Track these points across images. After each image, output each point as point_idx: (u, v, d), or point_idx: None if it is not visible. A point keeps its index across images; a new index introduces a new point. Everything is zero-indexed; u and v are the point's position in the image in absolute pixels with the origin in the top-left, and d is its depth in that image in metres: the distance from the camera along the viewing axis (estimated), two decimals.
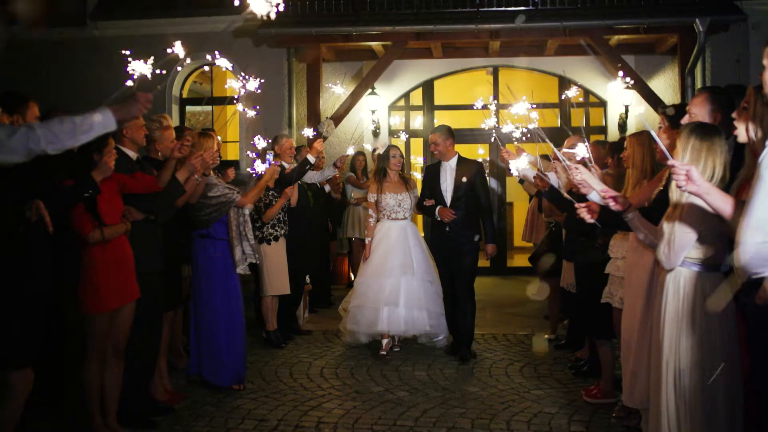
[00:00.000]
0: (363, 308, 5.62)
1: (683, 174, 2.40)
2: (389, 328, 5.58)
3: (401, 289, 5.57)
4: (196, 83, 10.90)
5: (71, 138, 2.57)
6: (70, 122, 2.56)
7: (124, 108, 2.73)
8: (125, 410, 3.94)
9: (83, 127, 2.57)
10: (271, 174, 5.20)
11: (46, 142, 2.50)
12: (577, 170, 3.49)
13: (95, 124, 2.61)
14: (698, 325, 2.78)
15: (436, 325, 5.62)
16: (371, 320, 5.57)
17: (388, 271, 5.59)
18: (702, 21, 8.28)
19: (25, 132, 2.48)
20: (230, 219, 4.77)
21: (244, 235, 4.80)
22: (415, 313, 5.56)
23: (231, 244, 4.76)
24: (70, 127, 2.54)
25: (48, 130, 2.50)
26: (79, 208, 3.54)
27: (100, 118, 2.63)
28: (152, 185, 3.95)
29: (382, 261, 5.65)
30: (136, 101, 2.75)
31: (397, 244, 5.68)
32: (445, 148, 5.69)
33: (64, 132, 2.53)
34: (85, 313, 3.65)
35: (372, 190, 5.89)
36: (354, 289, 5.82)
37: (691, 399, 2.78)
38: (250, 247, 4.81)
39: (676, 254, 2.81)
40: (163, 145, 4.34)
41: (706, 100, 3.23)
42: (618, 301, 4.06)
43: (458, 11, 8.82)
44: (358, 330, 5.66)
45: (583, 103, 10.13)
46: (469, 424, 4.14)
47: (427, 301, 5.59)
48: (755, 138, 2.59)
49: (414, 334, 5.65)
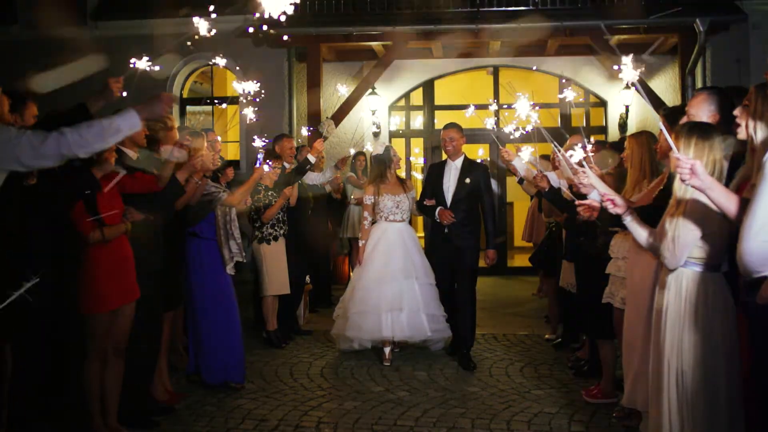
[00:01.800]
0: (365, 314, 5.42)
1: (687, 168, 2.40)
2: (393, 334, 5.40)
3: (404, 294, 5.42)
4: (196, 83, 10.91)
5: (100, 140, 2.63)
6: (98, 125, 2.62)
7: (148, 108, 2.79)
8: (126, 410, 3.94)
9: (111, 129, 2.64)
10: (259, 174, 5.19)
11: (77, 146, 2.56)
12: (583, 172, 3.50)
13: (122, 126, 2.67)
14: (701, 325, 2.77)
15: (438, 330, 5.50)
16: (374, 327, 5.39)
17: (389, 276, 5.42)
18: (702, 21, 8.29)
19: (57, 137, 2.53)
20: (217, 218, 4.78)
21: (231, 234, 4.80)
22: (418, 318, 5.42)
23: (219, 243, 4.77)
24: (98, 130, 2.61)
25: (78, 134, 2.56)
26: (79, 207, 3.54)
27: (126, 120, 2.68)
28: (152, 185, 3.95)
29: (382, 265, 5.49)
30: (160, 101, 2.81)
31: (396, 247, 5.53)
32: (459, 145, 5.60)
33: (93, 135, 2.59)
34: (85, 313, 3.65)
35: (368, 191, 5.69)
36: (352, 295, 5.58)
37: (694, 399, 2.77)
38: (237, 246, 4.81)
39: (680, 252, 2.79)
40: (166, 144, 4.34)
41: (704, 100, 3.23)
42: (619, 302, 4.06)
43: (458, 11, 8.83)
44: (361, 337, 5.48)
45: (584, 103, 10.12)
46: (470, 424, 4.14)
47: (429, 305, 5.47)
48: (755, 137, 2.60)
49: (418, 340, 5.52)
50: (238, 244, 4.83)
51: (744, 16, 8.55)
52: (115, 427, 3.82)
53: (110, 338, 3.75)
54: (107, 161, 3.59)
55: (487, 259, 5.63)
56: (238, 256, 4.82)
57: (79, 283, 3.63)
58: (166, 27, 8.47)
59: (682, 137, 2.79)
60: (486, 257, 5.63)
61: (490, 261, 5.63)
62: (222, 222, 4.79)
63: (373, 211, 5.66)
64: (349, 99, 9.23)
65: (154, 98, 2.82)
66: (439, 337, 5.59)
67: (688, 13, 8.36)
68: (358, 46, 9.61)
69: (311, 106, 9.28)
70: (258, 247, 5.91)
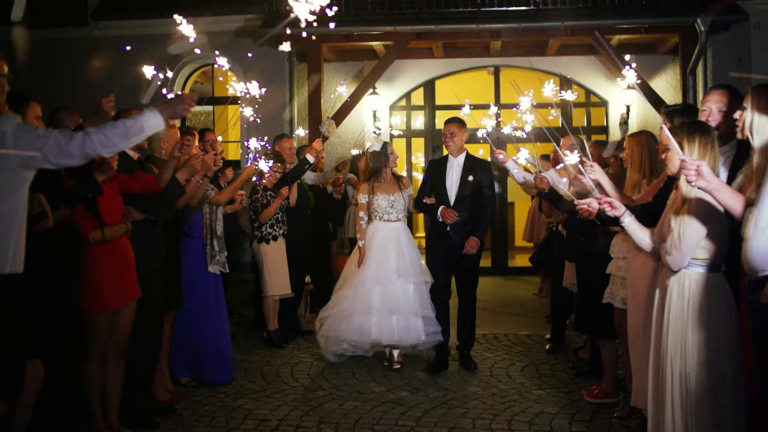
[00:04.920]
0: (354, 316, 5.18)
1: (694, 169, 2.40)
2: (381, 337, 5.14)
3: (396, 296, 5.18)
4: (197, 83, 10.91)
5: (124, 140, 2.72)
6: (122, 125, 2.70)
7: (171, 107, 2.84)
8: (126, 410, 3.94)
9: (134, 129, 2.72)
10: (248, 174, 5.20)
11: (102, 146, 2.66)
12: (591, 166, 3.51)
13: (146, 126, 2.75)
14: (705, 326, 2.77)
15: (431, 333, 5.20)
16: (362, 329, 5.16)
17: (381, 277, 5.20)
18: (703, 21, 8.28)
19: (82, 137, 2.63)
20: (205, 216, 4.79)
21: (215, 232, 4.81)
22: (413, 321, 5.17)
23: (204, 241, 4.78)
24: (122, 131, 2.70)
25: (103, 135, 2.65)
26: (79, 208, 3.54)
27: (150, 120, 2.75)
28: (153, 185, 3.95)
29: (373, 266, 5.26)
30: (182, 101, 2.85)
31: (389, 247, 5.30)
32: (461, 140, 5.36)
33: (117, 135, 2.69)
34: (86, 313, 3.65)
35: (363, 190, 5.48)
36: (340, 296, 5.36)
37: (699, 400, 2.77)
38: (219, 245, 4.82)
39: (685, 252, 2.78)
40: (168, 143, 4.35)
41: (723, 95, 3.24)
42: (619, 302, 4.06)
43: (459, 11, 8.83)
44: (349, 338, 5.21)
45: (585, 103, 10.13)
46: (471, 424, 4.14)
47: (422, 308, 5.20)
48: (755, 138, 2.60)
49: (408, 344, 5.22)
50: (220, 243, 4.83)
51: (745, 15, 8.55)
52: (116, 427, 3.82)
53: (111, 338, 3.75)
54: (109, 165, 3.58)
55: (467, 246, 5.22)
56: (219, 255, 4.82)
57: (80, 283, 3.63)
58: (167, 27, 8.46)
59: (684, 137, 2.78)
60: (467, 243, 5.23)
61: (468, 249, 5.21)
62: (208, 220, 4.81)
63: (367, 210, 5.48)
64: (349, 99, 9.23)
65: (177, 98, 2.88)
66: (431, 341, 5.26)
67: (689, 12, 8.36)
68: (359, 46, 9.62)
69: (312, 106, 9.28)
70: (258, 247, 5.91)
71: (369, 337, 5.17)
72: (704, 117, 3.22)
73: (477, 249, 5.27)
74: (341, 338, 5.26)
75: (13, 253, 2.64)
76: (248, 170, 5.19)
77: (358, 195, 5.54)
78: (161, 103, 2.84)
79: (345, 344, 5.30)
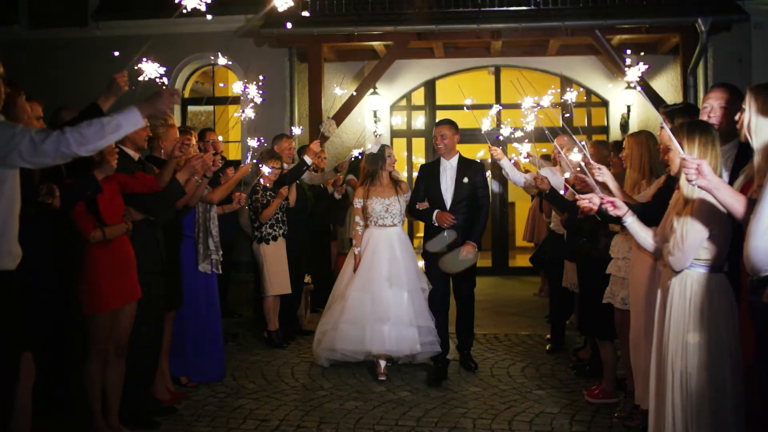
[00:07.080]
0: (344, 325, 5.05)
1: (694, 168, 2.40)
2: (372, 348, 4.96)
3: (389, 305, 5.00)
4: (197, 83, 10.91)
5: (100, 138, 2.61)
6: (98, 123, 2.61)
7: (150, 105, 2.76)
8: (127, 410, 3.94)
9: (110, 127, 2.62)
10: (243, 174, 5.19)
11: (77, 144, 2.56)
12: (599, 168, 3.51)
13: (123, 123, 2.66)
14: (706, 327, 2.77)
15: (427, 343, 5.04)
16: (354, 339, 5.00)
17: (372, 285, 5.04)
18: (704, 21, 8.28)
19: (57, 136, 2.54)
20: (198, 214, 4.79)
21: (210, 231, 4.80)
22: (407, 331, 4.98)
23: (195, 240, 4.78)
24: (98, 128, 2.60)
25: (78, 133, 2.56)
26: (80, 207, 3.54)
27: (127, 117, 2.67)
28: (153, 185, 3.95)
29: (365, 273, 5.11)
30: (161, 97, 2.77)
31: (382, 254, 5.12)
32: (452, 143, 5.21)
33: (92, 133, 2.58)
34: (86, 313, 3.64)
35: (358, 194, 5.30)
36: (331, 306, 5.26)
37: (699, 401, 2.77)
38: (214, 244, 4.81)
39: (688, 253, 2.78)
40: (167, 142, 4.35)
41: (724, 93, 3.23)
42: (620, 302, 4.05)
43: (460, 11, 8.84)
44: (344, 348, 5.07)
45: (585, 103, 10.12)
46: (471, 424, 4.14)
47: (420, 317, 5.05)
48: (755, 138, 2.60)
49: (402, 354, 5.06)
50: (216, 243, 4.82)
51: (746, 15, 8.54)
52: (116, 427, 3.82)
53: (111, 338, 3.75)
54: (109, 163, 3.58)
55: (463, 251, 5.05)
56: (215, 254, 4.81)
57: (80, 283, 3.63)
58: (168, 27, 8.46)
59: (684, 136, 2.78)
60: (464, 248, 5.06)
61: (465, 254, 5.05)
62: (202, 219, 4.80)
63: (363, 214, 5.32)
64: (350, 99, 9.23)
65: (156, 94, 2.78)
66: (428, 351, 5.09)
67: (689, 12, 8.36)
68: (359, 46, 9.61)
69: (312, 106, 9.28)
70: (258, 247, 5.91)
71: (362, 347, 5.00)
72: (706, 114, 3.22)
73: (474, 253, 5.13)
74: (335, 348, 5.12)
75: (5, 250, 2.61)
76: (243, 170, 5.19)
77: (354, 199, 5.37)
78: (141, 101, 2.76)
79: (338, 354, 5.16)
